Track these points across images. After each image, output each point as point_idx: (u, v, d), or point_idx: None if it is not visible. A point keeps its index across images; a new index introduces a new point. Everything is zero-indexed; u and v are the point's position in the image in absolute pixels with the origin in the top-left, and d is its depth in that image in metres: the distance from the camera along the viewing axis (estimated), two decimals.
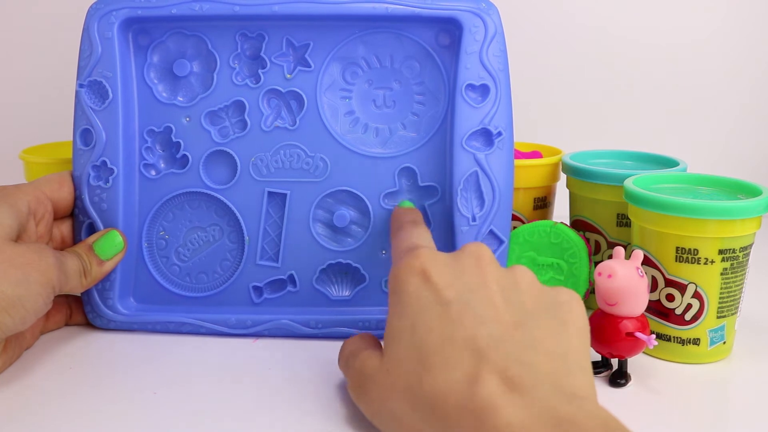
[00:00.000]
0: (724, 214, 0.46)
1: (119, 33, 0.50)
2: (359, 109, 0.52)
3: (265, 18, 0.50)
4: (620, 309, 0.45)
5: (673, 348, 0.49)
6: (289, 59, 0.52)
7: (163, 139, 0.52)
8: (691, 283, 0.47)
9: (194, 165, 0.52)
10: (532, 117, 0.84)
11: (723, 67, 0.85)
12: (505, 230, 0.50)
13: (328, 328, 0.51)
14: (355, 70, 0.52)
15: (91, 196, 0.50)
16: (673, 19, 0.83)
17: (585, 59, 0.84)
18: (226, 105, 0.51)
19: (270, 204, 0.52)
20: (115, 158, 0.50)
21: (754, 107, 0.86)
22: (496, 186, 0.50)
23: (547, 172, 0.60)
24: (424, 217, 0.51)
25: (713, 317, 0.48)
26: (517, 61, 0.84)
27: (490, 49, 0.50)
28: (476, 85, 0.50)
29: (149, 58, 0.52)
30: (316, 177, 0.51)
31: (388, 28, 0.51)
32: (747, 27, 0.84)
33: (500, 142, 0.50)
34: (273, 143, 0.51)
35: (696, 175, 0.53)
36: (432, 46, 0.51)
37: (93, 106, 0.50)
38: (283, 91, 0.51)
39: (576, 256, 0.55)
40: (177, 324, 0.51)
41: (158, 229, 0.52)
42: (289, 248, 0.52)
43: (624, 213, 0.55)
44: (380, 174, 0.51)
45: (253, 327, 0.51)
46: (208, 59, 0.52)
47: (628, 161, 0.61)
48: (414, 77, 0.52)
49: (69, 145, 0.65)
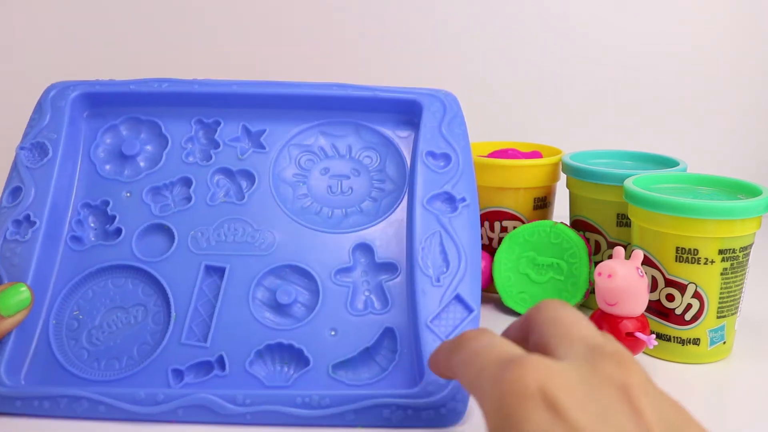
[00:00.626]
0: (724, 214, 0.46)
1: (73, 106, 0.50)
2: (313, 194, 0.49)
3: (223, 97, 0.50)
4: (620, 309, 0.45)
5: (673, 348, 0.49)
6: (244, 143, 0.50)
7: (97, 212, 0.48)
8: (691, 283, 0.47)
9: (126, 237, 0.47)
10: (532, 117, 0.84)
11: (723, 67, 0.85)
12: (475, 297, 0.44)
13: (259, 405, 0.40)
14: (311, 158, 0.50)
15: (3, 251, 0.45)
16: (673, 19, 0.83)
17: (585, 59, 0.84)
18: (171, 181, 0.49)
19: (206, 279, 0.45)
20: (40, 213, 0.46)
21: (755, 107, 0.86)
22: (462, 249, 0.45)
23: (547, 172, 0.60)
24: (381, 295, 0.45)
25: (713, 317, 0.48)
26: (517, 60, 0.84)
27: (451, 125, 0.50)
28: (437, 153, 0.49)
29: (99, 138, 0.50)
30: (262, 251, 0.46)
31: (346, 117, 0.51)
32: (747, 27, 0.84)
33: (464, 208, 0.47)
34: (217, 217, 0.47)
35: (696, 175, 0.53)
36: (392, 134, 0.51)
37: (29, 165, 0.48)
38: (234, 170, 0.49)
39: (576, 256, 0.55)
40: (70, 399, 0.40)
41: (72, 307, 0.45)
42: (222, 326, 0.44)
43: (624, 213, 0.55)
44: (333, 249, 0.47)
45: (166, 403, 0.40)
46: (160, 140, 0.50)
47: (628, 161, 0.61)
48: (373, 165, 0.50)
49: None
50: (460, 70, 0.83)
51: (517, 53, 0.83)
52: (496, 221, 0.60)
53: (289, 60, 0.81)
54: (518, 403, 0.26)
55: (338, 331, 0.44)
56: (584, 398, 0.26)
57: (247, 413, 0.40)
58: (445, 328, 0.42)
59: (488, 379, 0.28)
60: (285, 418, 0.40)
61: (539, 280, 0.56)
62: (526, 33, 0.83)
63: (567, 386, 0.26)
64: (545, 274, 0.56)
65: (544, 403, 0.26)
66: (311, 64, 0.81)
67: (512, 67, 0.84)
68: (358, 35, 0.82)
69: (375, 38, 0.82)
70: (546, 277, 0.56)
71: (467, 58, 0.83)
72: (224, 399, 0.40)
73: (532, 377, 0.26)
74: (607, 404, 0.26)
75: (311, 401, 0.40)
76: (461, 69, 0.83)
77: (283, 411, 0.40)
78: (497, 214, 0.60)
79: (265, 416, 0.40)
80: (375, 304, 0.45)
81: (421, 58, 0.82)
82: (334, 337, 0.44)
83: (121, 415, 0.40)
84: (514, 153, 0.62)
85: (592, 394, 0.26)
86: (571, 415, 0.25)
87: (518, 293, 0.56)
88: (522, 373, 0.27)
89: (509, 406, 0.26)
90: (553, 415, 0.25)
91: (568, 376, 0.27)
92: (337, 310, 0.44)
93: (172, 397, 0.40)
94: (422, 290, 0.44)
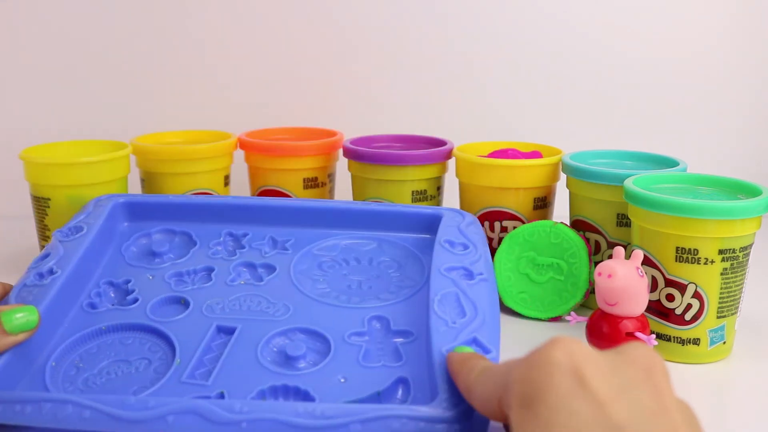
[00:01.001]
0: (724, 214, 0.46)
1: (114, 209, 0.53)
2: (333, 286, 0.49)
3: (253, 209, 0.54)
4: (620, 309, 0.45)
5: (673, 348, 0.49)
6: (269, 247, 0.53)
7: (118, 288, 0.49)
8: (691, 283, 0.47)
9: (142, 304, 0.47)
10: (532, 117, 0.84)
11: (723, 67, 0.84)
12: (493, 342, 0.41)
13: (257, 413, 0.36)
14: (332, 264, 0.51)
15: (21, 293, 0.45)
16: (673, 20, 0.83)
17: (585, 60, 0.84)
18: (195, 269, 0.51)
19: (215, 338, 0.45)
20: (63, 267, 0.47)
21: (755, 107, 0.86)
22: (480, 307, 0.43)
23: (547, 172, 0.60)
24: (395, 353, 0.43)
25: (713, 317, 0.48)
26: (517, 60, 0.84)
27: (469, 228, 0.52)
28: (455, 242, 0.49)
29: (131, 240, 0.53)
30: (276, 318, 0.46)
31: (369, 231, 0.53)
32: (747, 27, 0.84)
33: (482, 281, 0.46)
34: (235, 293, 0.48)
35: (696, 175, 0.53)
36: (412, 246, 0.53)
37: (62, 239, 0.50)
38: (256, 264, 0.51)
39: (576, 256, 0.55)
40: (54, 405, 0.37)
41: (75, 357, 0.44)
42: (226, 369, 0.42)
43: (624, 213, 0.55)
44: (347, 318, 0.46)
45: (156, 408, 0.37)
46: (189, 243, 0.53)
47: (628, 161, 0.61)
48: (394, 272, 0.51)
49: (69, 145, 0.65)
50: (460, 70, 0.83)
51: (517, 53, 0.83)
52: (496, 221, 0.60)
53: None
54: (546, 371, 0.28)
55: (348, 378, 0.41)
56: (608, 373, 0.28)
57: (242, 421, 0.36)
58: None
59: (516, 364, 0.30)
60: (284, 428, 0.36)
61: (539, 280, 0.56)
62: (526, 33, 0.83)
63: (594, 361, 0.28)
64: (545, 274, 0.56)
65: (571, 372, 0.27)
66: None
67: (513, 67, 0.84)
68: (358, 38, 0.82)
69: (375, 37, 0.82)
70: (546, 277, 0.56)
71: (467, 58, 0.83)
72: (219, 406, 0.37)
73: (562, 352, 0.28)
74: (630, 380, 0.28)
75: (314, 411, 0.36)
76: (461, 69, 0.83)
77: (283, 420, 0.36)
78: (497, 214, 0.60)
79: (262, 425, 0.36)
80: (389, 359, 0.42)
81: (422, 57, 0.82)
82: (343, 383, 0.40)
83: (108, 423, 0.37)
84: (514, 153, 0.62)
85: (617, 370, 0.28)
86: (594, 384, 0.27)
87: (518, 293, 0.56)
88: (552, 348, 0.28)
89: (537, 373, 0.28)
90: (578, 384, 0.27)
91: (595, 355, 0.29)
92: (349, 362, 0.42)
93: (164, 402, 0.37)
94: (437, 331, 0.41)
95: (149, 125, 0.77)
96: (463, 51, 0.83)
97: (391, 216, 0.53)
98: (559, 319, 0.55)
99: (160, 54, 0.82)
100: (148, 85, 0.83)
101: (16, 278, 0.47)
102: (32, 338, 0.42)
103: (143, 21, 0.81)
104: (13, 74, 0.82)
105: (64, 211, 0.60)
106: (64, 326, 0.45)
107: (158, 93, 0.83)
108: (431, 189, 0.65)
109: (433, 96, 0.83)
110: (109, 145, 0.65)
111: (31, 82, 0.83)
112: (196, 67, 0.82)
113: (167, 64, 0.83)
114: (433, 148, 0.65)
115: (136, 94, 0.83)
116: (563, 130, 0.82)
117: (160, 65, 0.83)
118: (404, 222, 0.54)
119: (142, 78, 0.83)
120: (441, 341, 0.40)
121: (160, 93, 0.83)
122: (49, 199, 0.60)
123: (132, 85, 0.83)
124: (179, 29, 0.82)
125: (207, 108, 0.82)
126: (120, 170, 0.62)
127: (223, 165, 0.67)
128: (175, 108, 0.83)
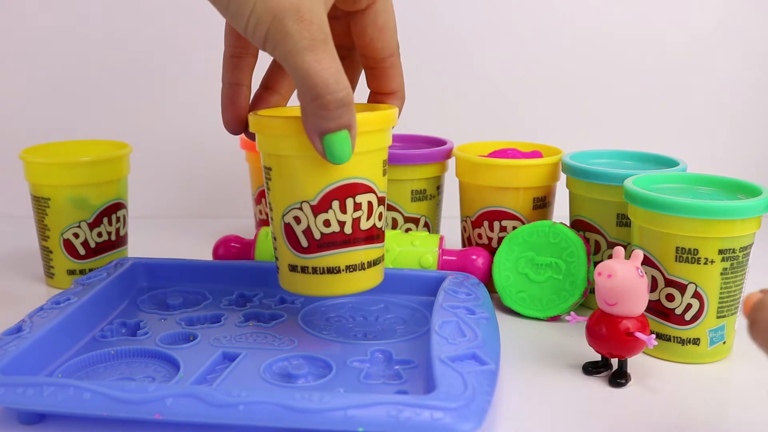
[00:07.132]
0: (724, 214, 0.46)
1: (132, 266, 0.57)
2: (339, 333, 0.51)
3: (264, 272, 0.57)
4: (620, 309, 0.45)
5: (673, 348, 0.49)
6: (277, 303, 0.55)
7: (129, 327, 0.51)
8: (691, 283, 0.47)
9: (152, 336, 0.49)
10: (532, 117, 0.84)
11: (723, 66, 0.85)
12: (493, 356, 0.43)
13: (254, 397, 0.37)
14: (339, 318, 0.53)
15: (38, 313, 0.48)
16: (673, 19, 0.83)
17: (585, 59, 0.84)
18: (205, 315, 0.53)
19: (219, 363, 0.46)
20: (80, 296, 0.50)
21: (755, 107, 0.86)
22: (480, 334, 0.45)
23: (547, 172, 0.60)
24: (397, 375, 0.44)
25: (713, 317, 0.48)
26: (517, 60, 0.84)
27: (473, 283, 0.54)
28: (459, 290, 0.52)
29: (146, 295, 0.56)
30: (281, 348, 0.48)
31: (377, 296, 0.55)
32: (747, 26, 0.84)
33: (483, 318, 0.48)
34: (242, 331, 0.51)
35: (696, 175, 0.53)
36: (419, 305, 0.54)
37: (82, 282, 0.54)
38: (265, 313, 0.53)
39: (574, 255, 0.55)
40: (56, 388, 0.38)
41: (81, 374, 0.45)
42: (227, 382, 0.43)
43: (624, 213, 0.55)
44: (351, 350, 0.48)
45: (156, 392, 0.38)
46: (202, 299, 0.56)
47: (628, 161, 0.61)
48: (398, 325, 0.52)
49: (69, 145, 0.65)
50: (460, 70, 0.83)
51: (517, 53, 0.83)
52: (496, 221, 0.60)
53: None
54: None
55: (348, 391, 0.42)
56: None
57: (240, 404, 0.37)
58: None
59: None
60: (281, 411, 0.36)
61: (537, 279, 0.56)
62: (526, 32, 0.83)
63: None
64: (543, 273, 0.56)
65: None
66: None
67: (513, 66, 0.84)
68: None
69: None
70: (544, 277, 0.56)
71: (468, 58, 0.83)
72: (216, 390, 0.38)
73: None
74: None
75: (311, 395, 0.37)
76: (461, 69, 0.83)
77: (281, 404, 0.36)
78: (497, 214, 0.60)
79: (259, 409, 0.37)
80: (389, 379, 0.44)
81: (422, 57, 0.82)
82: (343, 394, 0.40)
83: (108, 405, 0.37)
84: (514, 153, 0.62)
85: None
86: None
87: (517, 293, 0.56)
88: None
89: None
90: None
91: None
92: (349, 380, 0.44)
93: (163, 387, 0.38)
94: (436, 341, 0.43)
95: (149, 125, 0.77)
96: (463, 51, 0.83)
97: (398, 279, 0.56)
98: (558, 318, 0.55)
99: (161, 54, 0.82)
100: (149, 85, 0.83)
101: (16, 278, 0.47)
102: (42, 351, 0.44)
103: (146, 20, 0.81)
104: (13, 74, 0.82)
105: (64, 211, 0.60)
106: (75, 349, 0.47)
107: (158, 93, 0.83)
108: (431, 188, 0.65)
109: (432, 96, 0.83)
110: (109, 145, 0.65)
111: (31, 82, 0.83)
112: (196, 67, 0.82)
113: (167, 63, 0.83)
114: (432, 148, 0.65)
115: (137, 94, 0.83)
116: (563, 130, 0.83)
117: (161, 65, 0.83)
118: (412, 285, 0.56)
119: (142, 78, 0.83)
120: (440, 351, 0.42)
121: (161, 93, 0.83)
122: (49, 199, 0.60)
123: (132, 86, 0.83)
124: (186, 28, 0.82)
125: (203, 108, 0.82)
126: (120, 170, 0.62)
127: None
128: (175, 108, 0.83)
